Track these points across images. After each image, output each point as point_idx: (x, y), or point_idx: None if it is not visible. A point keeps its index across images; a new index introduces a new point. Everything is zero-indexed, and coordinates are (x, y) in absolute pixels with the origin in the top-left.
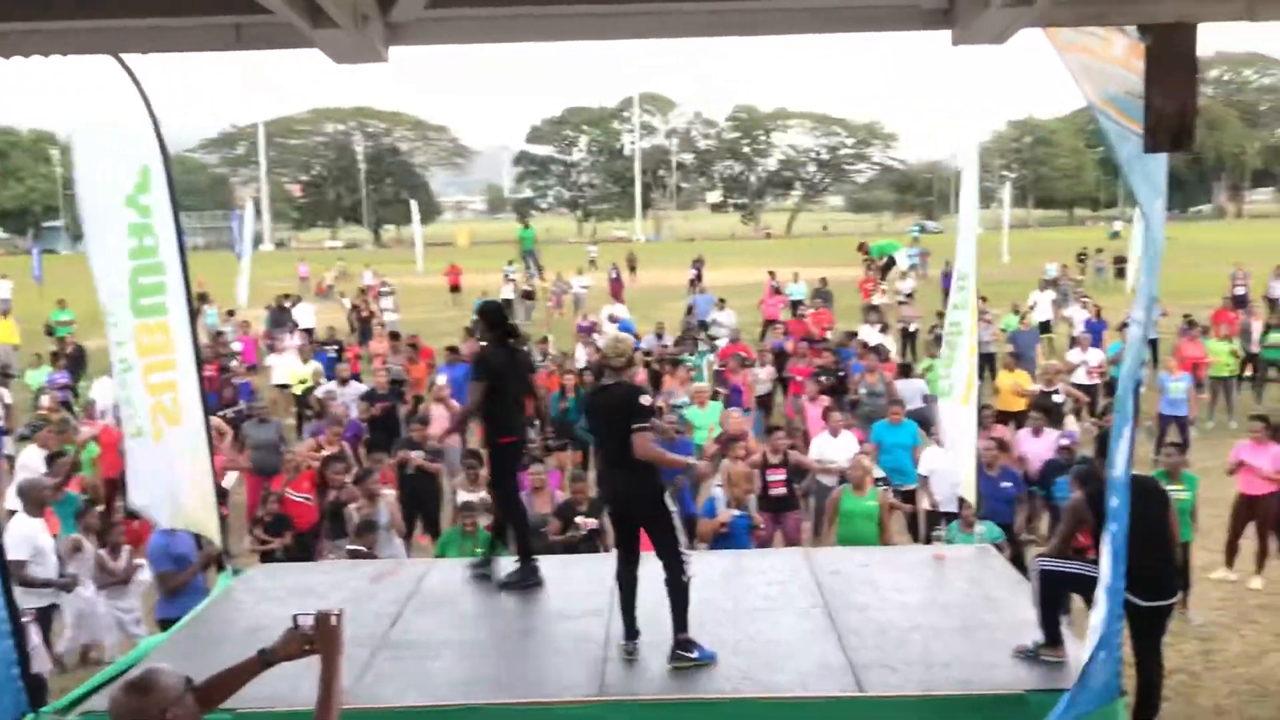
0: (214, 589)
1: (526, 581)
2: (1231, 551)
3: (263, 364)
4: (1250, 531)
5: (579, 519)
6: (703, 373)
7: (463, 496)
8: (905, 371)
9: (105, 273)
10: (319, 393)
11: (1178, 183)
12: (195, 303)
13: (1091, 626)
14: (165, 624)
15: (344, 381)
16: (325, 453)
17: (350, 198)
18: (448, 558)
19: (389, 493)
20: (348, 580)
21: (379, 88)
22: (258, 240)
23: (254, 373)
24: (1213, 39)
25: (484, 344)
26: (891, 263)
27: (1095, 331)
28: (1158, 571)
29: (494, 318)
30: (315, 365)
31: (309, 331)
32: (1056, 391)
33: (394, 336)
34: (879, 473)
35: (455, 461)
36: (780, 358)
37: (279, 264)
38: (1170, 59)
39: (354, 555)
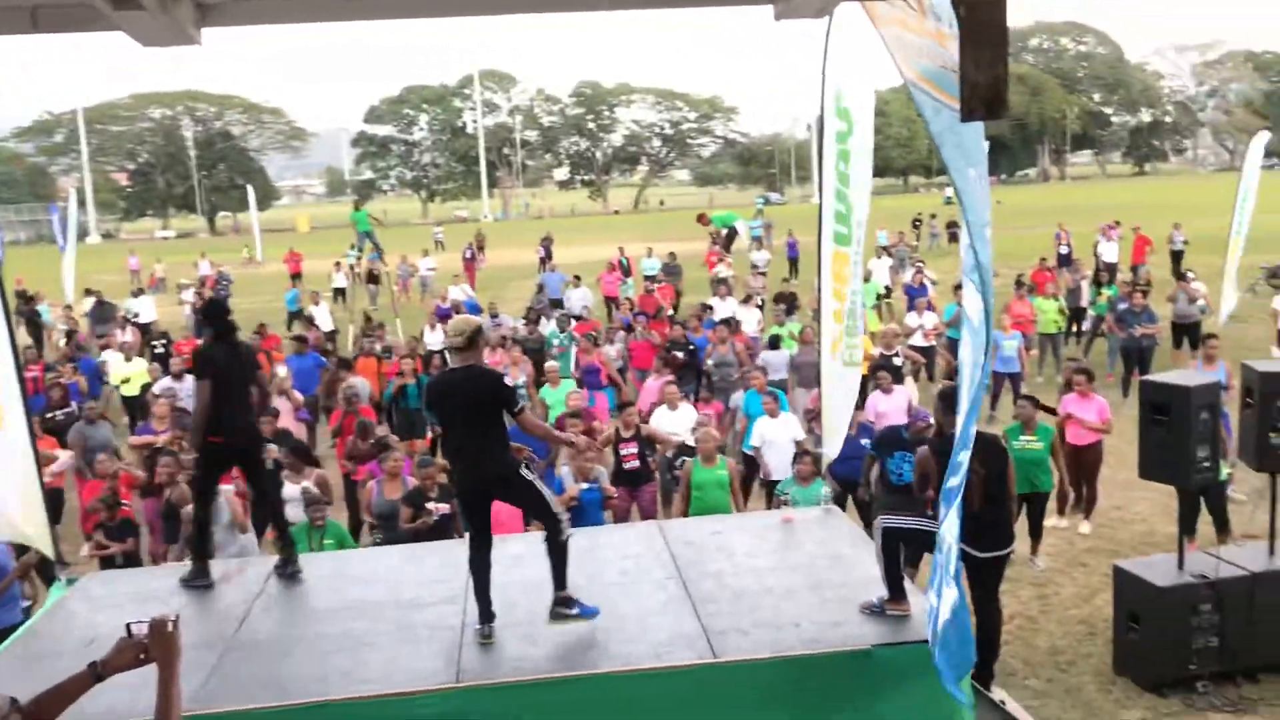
0: (45, 597)
1: (194, 582)
2: (1062, 500)
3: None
4: (1080, 480)
5: (429, 505)
6: (569, 352)
7: (288, 490)
8: (775, 344)
9: None
10: (156, 389)
11: (1003, 148)
12: (21, 301)
13: (931, 577)
14: None
15: (179, 376)
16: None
17: (181, 185)
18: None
19: (227, 489)
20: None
21: (207, 72)
22: (83, 233)
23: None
24: (1032, 8)
25: (202, 341)
26: (733, 234)
27: (923, 295)
28: (993, 524)
29: (211, 314)
30: (143, 362)
31: (146, 327)
32: (896, 354)
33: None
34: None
35: None
36: (631, 333)
37: (107, 257)
38: (981, 29)
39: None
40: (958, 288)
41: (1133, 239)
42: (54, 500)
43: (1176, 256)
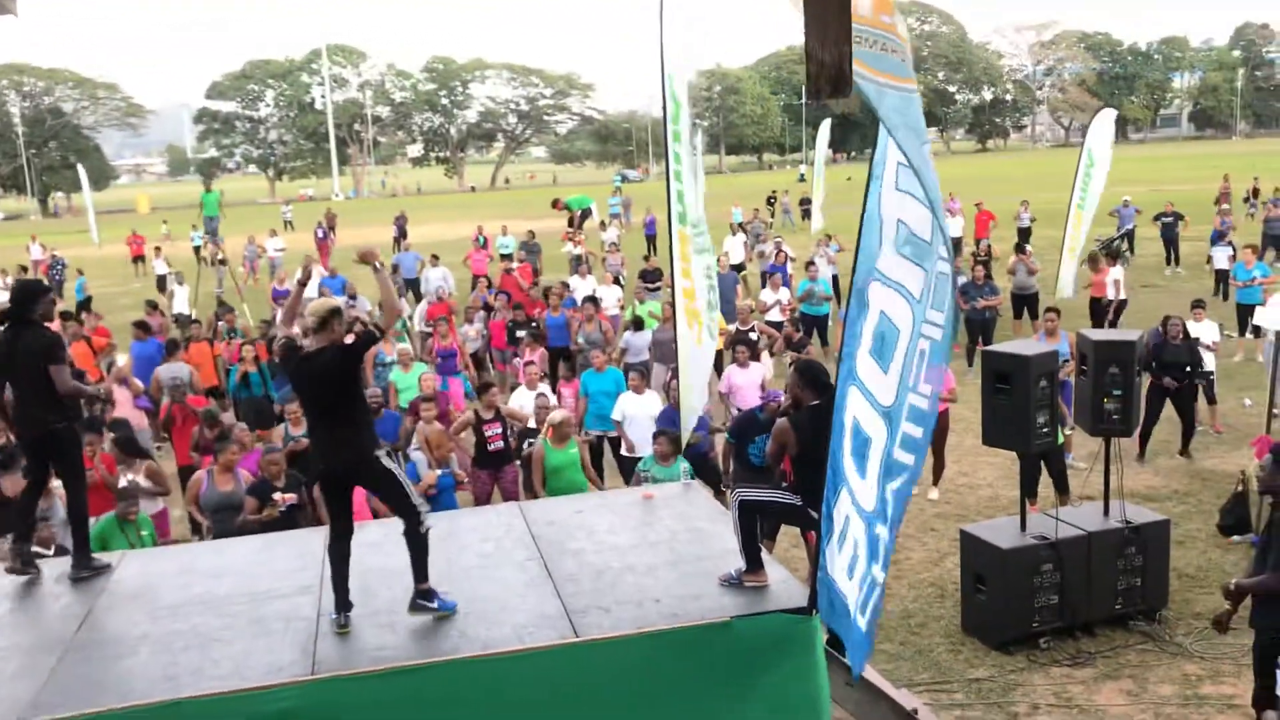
0: None
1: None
2: None
3: None
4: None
5: (276, 495)
6: (404, 334)
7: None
8: (639, 324)
9: None
10: None
11: (854, 126)
12: None
13: (850, 555)
14: None
15: None
16: None
17: (9, 164)
18: (112, 550)
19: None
20: (20, 582)
21: (35, 47)
22: None
23: None
24: None
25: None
26: (587, 214)
27: (782, 271)
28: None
29: (15, 298)
30: None
31: None
32: (752, 330)
33: (65, 316)
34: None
35: (148, 444)
36: (490, 313)
37: None
38: (824, 7)
39: (37, 554)
40: (809, 264)
41: (975, 214)
42: None
43: (1024, 233)
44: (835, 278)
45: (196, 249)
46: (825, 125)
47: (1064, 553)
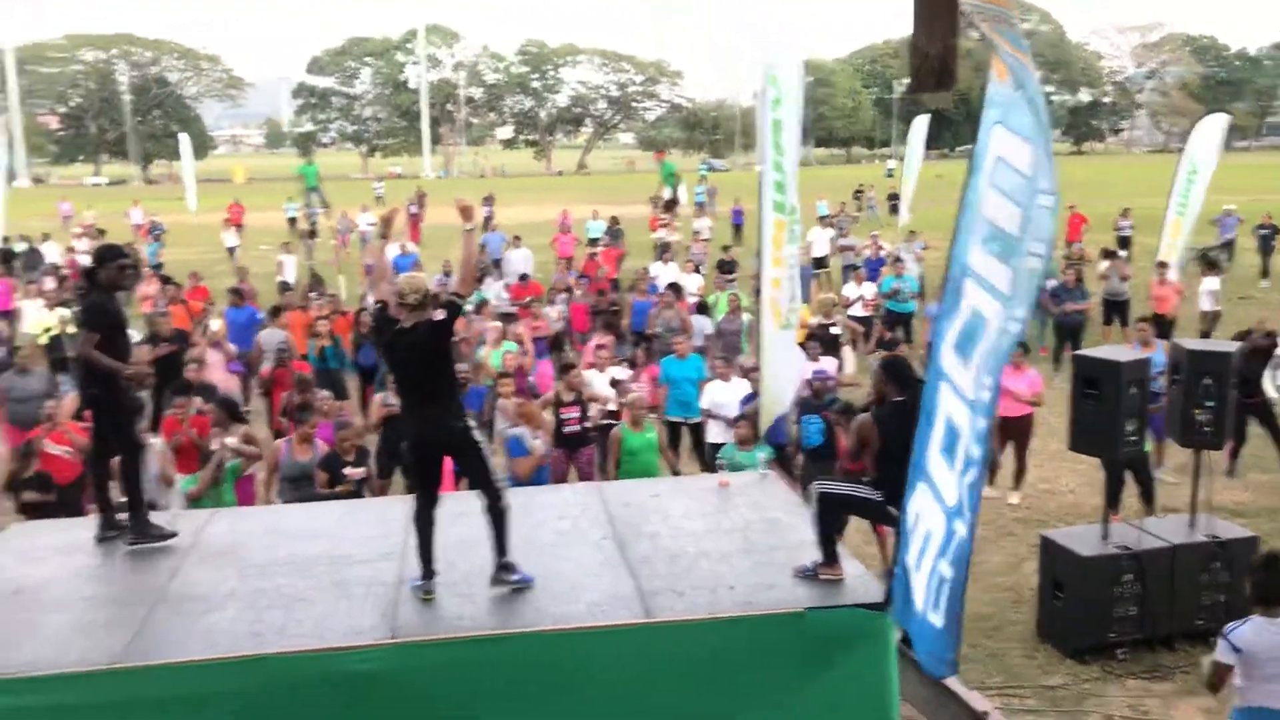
0: None
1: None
2: (993, 470)
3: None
4: (1009, 451)
5: (347, 470)
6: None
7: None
8: (703, 309)
9: None
10: None
11: (947, 123)
12: None
13: (919, 549)
14: None
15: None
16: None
17: (115, 131)
18: (202, 507)
19: (156, 442)
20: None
21: (142, 15)
22: (11, 176)
23: (8, 319)
24: None
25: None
26: (675, 200)
27: (876, 266)
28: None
29: (91, 261)
30: (62, 312)
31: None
32: (834, 324)
33: (164, 280)
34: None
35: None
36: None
37: (37, 201)
38: (936, 2)
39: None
40: (896, 261)
41: (1068, 217)
42: None
43: (1123, 242)
44: (921, 275)
45: (291, 220)
46: (922, 120)
47: (1147, 564)
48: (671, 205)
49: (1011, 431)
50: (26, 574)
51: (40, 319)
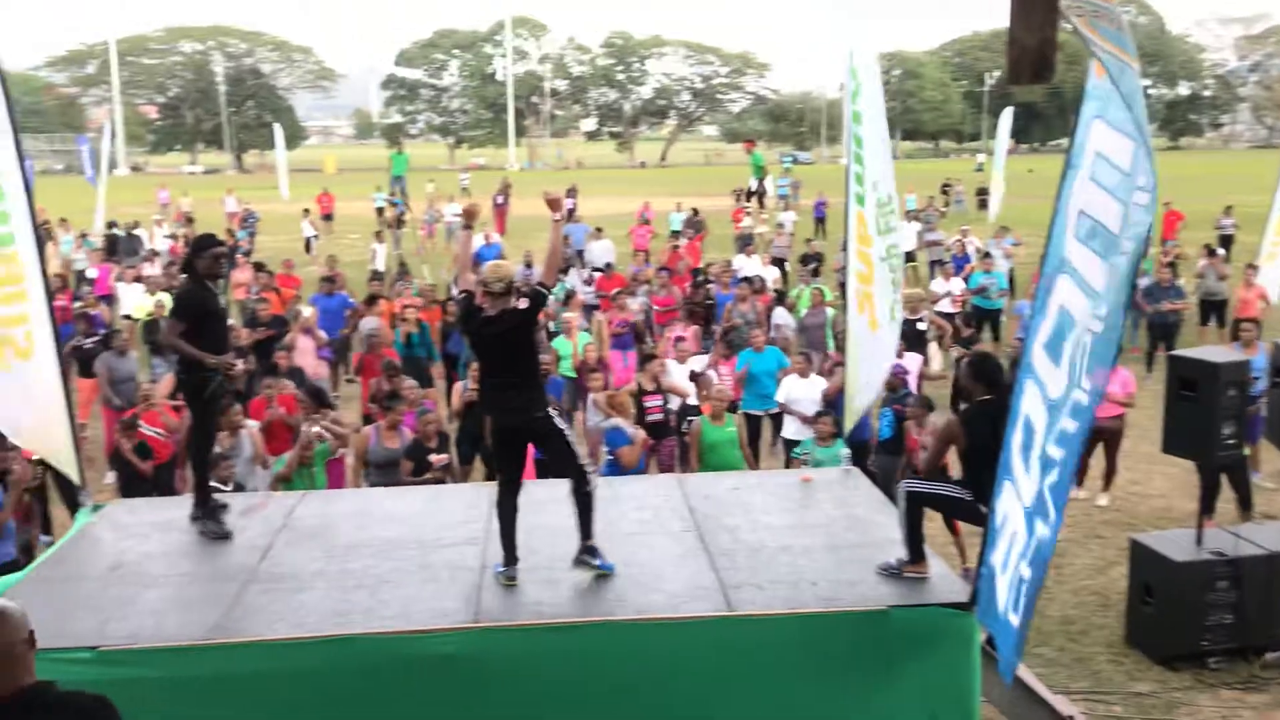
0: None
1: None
2: (1081, 471)
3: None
4: (1099, 452)
5: (431, 457)
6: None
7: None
8: (780, 300)
9: None
10: None
11: (1037, 116)
12: (50, 230)
13: (1005, 550)
14: None
15: None
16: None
17: (210, 121)
18: (294, 489)
19: (251, 424)
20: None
21: (237, 7)
22: (112, 165)
23: (108, 303)
24: None
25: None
26: (762, 191)
27: (962, 262)
28: None
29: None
30: (159, 297)
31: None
32: (921, 319)
33: (258, 267)
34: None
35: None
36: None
37: (136, 189)
38: None
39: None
40: (985, 256)
41: (1163, 213)
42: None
43: (1225, 241)
44: (1011, 271)
45: (379, 210)
46: (1006, 113)
47: (1243, 571)
48: (758, 196)
49: (1102, 432)
50: (126, 549)
51: (138, 303)
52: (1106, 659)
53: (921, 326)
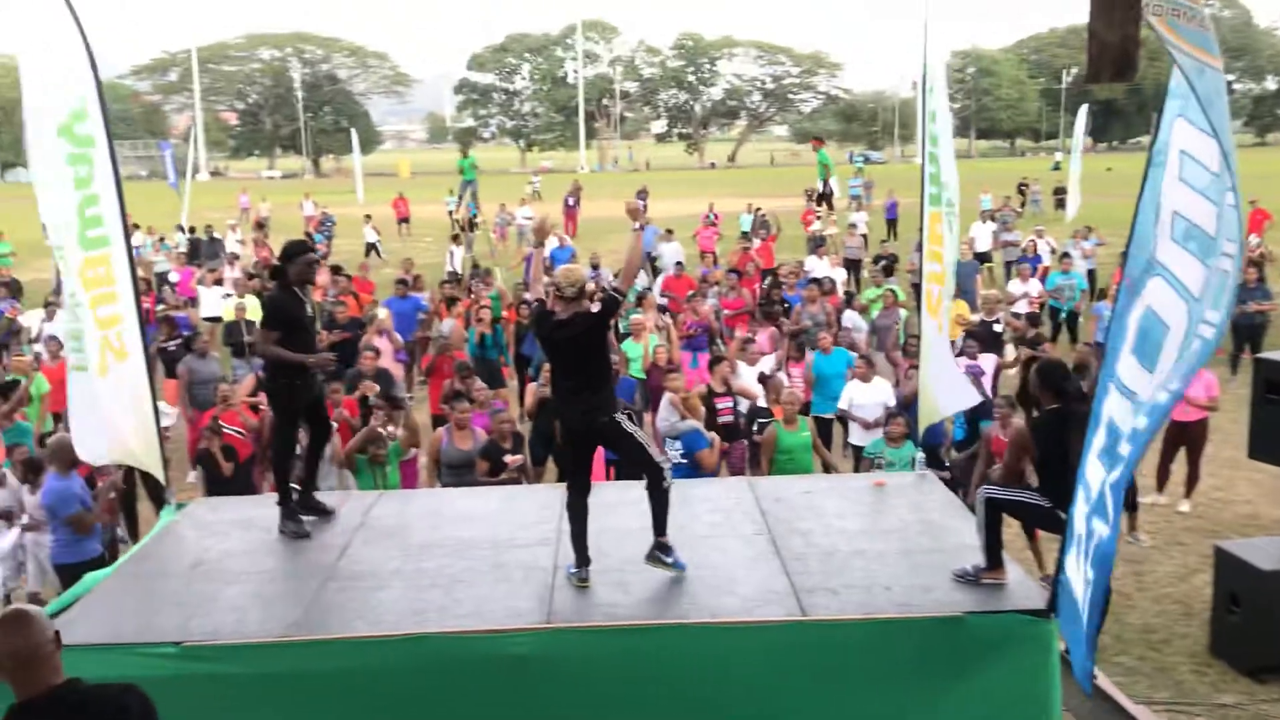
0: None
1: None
2: (1163, 476)
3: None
4: (1180, 457)
5: (506, 457)
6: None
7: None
8: (849, 302)
9: (51, 206)
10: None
11: (1116, 114)
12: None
13: (1067, 554)
14: (66, 569)
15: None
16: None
17: (288, 126)
18: (365, 489)
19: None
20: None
21: (314, 13)
22: (194, 170)
23: (190, 305)
24: None
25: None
26: (830, 193)
27: (1034, 262)
28: None
29: (278, 257)
30: (238, 301)
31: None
32: (997, 321)
33: (335, 270)
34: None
35: (401, 395)
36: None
37: (216, 194)
38: None
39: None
40: (1064, 256)
41: (1249, 211)
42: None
43: None
44: (1091, 272)
45: (451, 213)
46: (1083, 111)
47: None
48: (826, 198)
49: (1184, 437)
50: (208, 547)
51: (219, 305)
52: (1189, 669)
53: (998, 329)
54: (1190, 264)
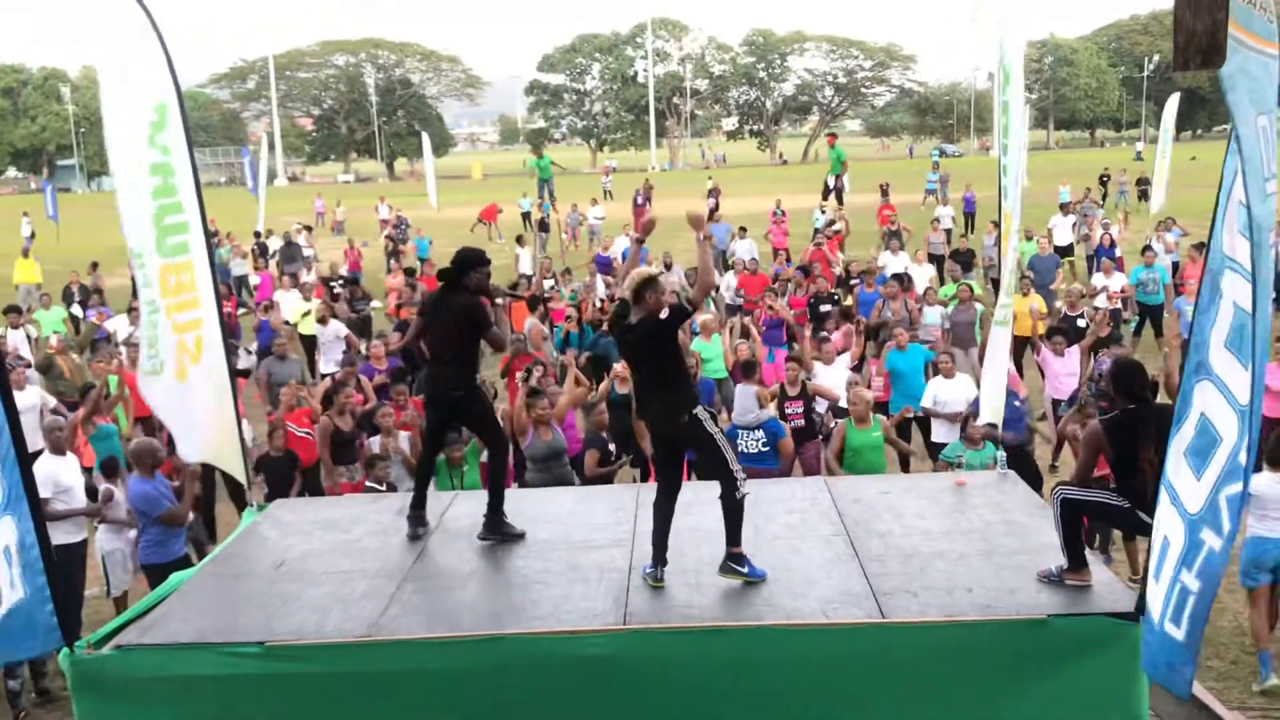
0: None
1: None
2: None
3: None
4: None
5: (611, 447)
6: (709, 303)
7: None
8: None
9: (132, 214)
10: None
11: (1201, 102)
12: (220, 240)
13: (1158, 558)
14: (154, 569)
15: (321, 320)
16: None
17: (362, 131)
18: (441, 490)
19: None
20: (369, 514)
21: (388, 18)
22: (271, 176)
23: (269, 309)
24: None
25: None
26: (840, 188)
27: (1110, 256)
28: None
29: (454, 261)
30: (317, 303)
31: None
32: (1081, 315)
33: (409, 272)
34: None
35: None
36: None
37: (294, 199)
38: None
39: (370, 489)
40: (1145, 249)
41: None
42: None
43: None
44: (1176, 265)
45: (525, 215)
46: (1173, 100)
47: None
48: (838, 193)
49: (1270, 430)
50: (289, 547)
51: (297, 307)
52: None
53: (1082, 324)
54: (1248, 251)
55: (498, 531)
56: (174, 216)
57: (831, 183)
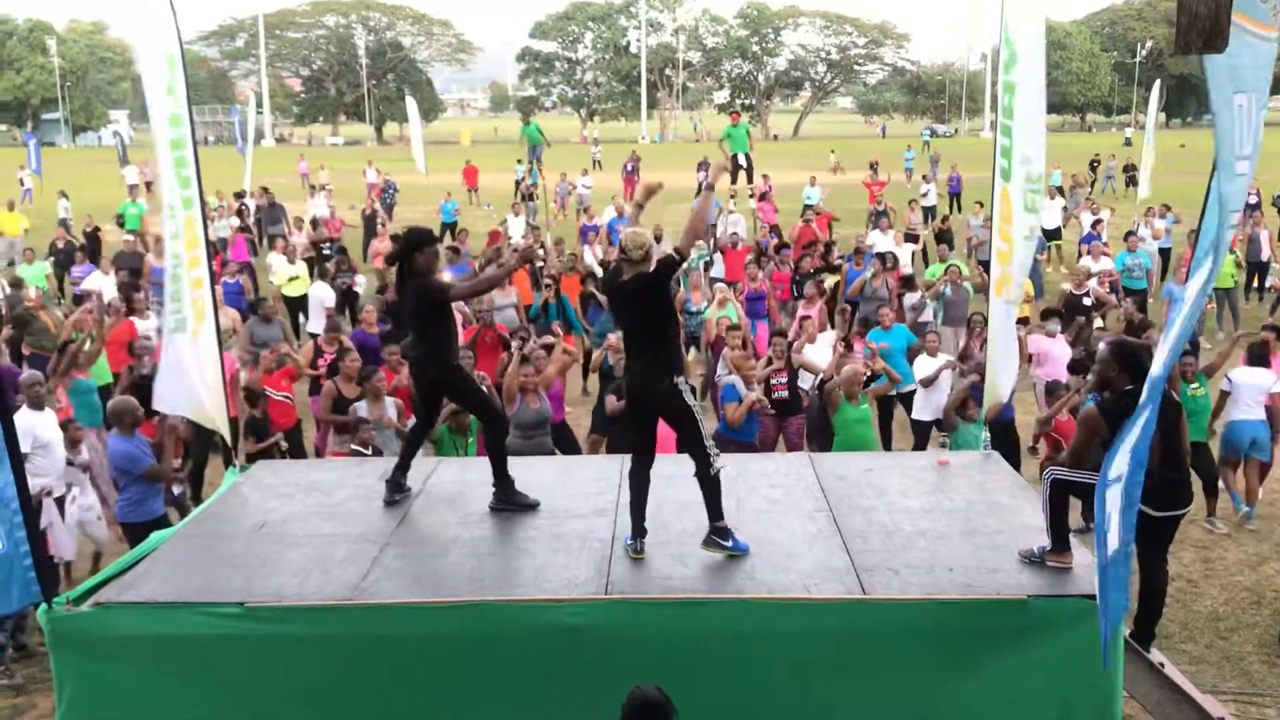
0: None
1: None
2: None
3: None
4: None
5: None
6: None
7: None
8: (908, 283)
9: (165, 165)
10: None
11: (1193, 89)
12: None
13: (1106, 536)
14: (132, 528)
15: (324, 276)
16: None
17: (352, 94)
18: (444, 456)
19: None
20: (352, 477)
21: None
22: (259, 136)
23: (241, 271)
24: None
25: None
26: (744, 166)
27: (1094, 240)
28: (1172, 482)
29: (402, 243)
30: (303, 265)
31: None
32: (1086, 293)
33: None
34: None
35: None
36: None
37: (281, 160)
38: None
39: (354, 453)
40: (1128, 235)
41: None
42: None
43: None
44: (1165, 251)
45: (518, 182)
46: (1156, 87)
47: None
48: (735, 173)
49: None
50: (270, 509)
51: (283, 270)
52: (1259, 659)
53: (1087, 302)
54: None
55: (511, 501)
56: (185, 170)
57: (742, 160)
